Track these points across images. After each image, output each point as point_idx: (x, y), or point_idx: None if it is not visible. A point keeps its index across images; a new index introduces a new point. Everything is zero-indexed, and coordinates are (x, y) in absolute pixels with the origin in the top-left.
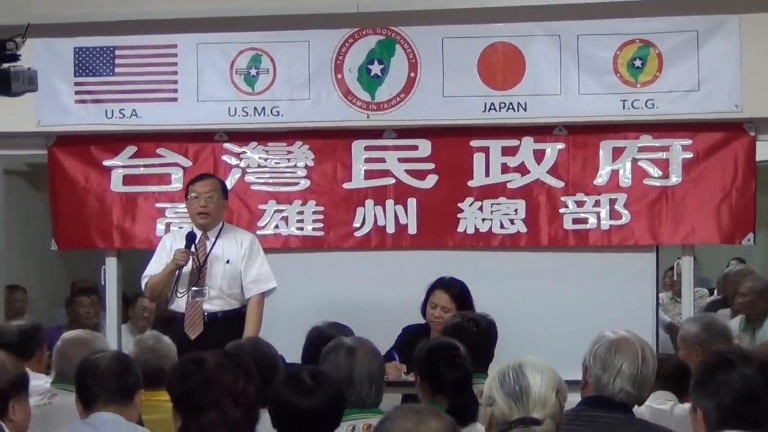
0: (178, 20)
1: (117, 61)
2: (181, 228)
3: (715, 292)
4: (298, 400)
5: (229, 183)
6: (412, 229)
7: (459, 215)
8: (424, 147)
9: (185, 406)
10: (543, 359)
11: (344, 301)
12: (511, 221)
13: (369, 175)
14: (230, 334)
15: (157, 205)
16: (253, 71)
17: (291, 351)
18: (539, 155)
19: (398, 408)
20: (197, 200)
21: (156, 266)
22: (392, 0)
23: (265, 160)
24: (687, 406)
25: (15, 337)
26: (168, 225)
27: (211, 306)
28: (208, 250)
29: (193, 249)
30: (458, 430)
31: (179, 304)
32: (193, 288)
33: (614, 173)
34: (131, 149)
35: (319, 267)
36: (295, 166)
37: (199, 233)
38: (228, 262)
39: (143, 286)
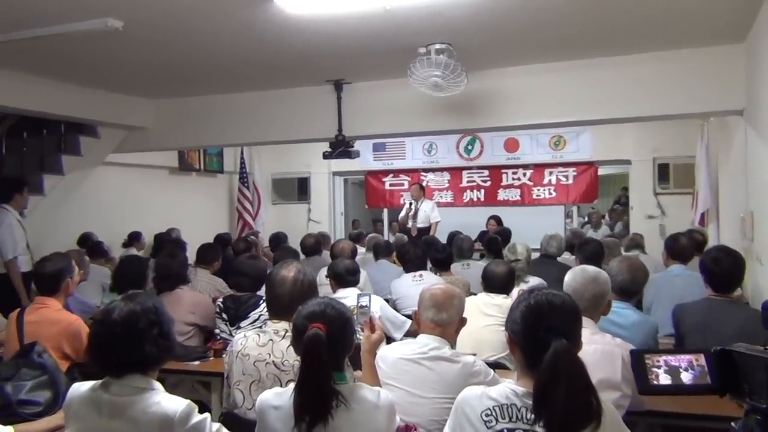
0: (405, 132)
1: (386, 145)
2: (409, 200)
3: (584, 218)
4: (432, 255)
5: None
6: (483, 199)
7: (498, 193)
8: (487, 173)
9: (404, 261)
10: (524, 241)
11: (460, 224)
12: (515, 196)
13: (467, 181)
14: (425, 234)
15: (400, 193)
16: (430, 147)
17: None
18: (524, 174)
19: (492, 261)
20: (413, 192)
21: (402, 213)
22: (472, 123)
23: (434, 177)
24: (572, 257)
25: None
26: (402, 200)
27: (418, 224)
28: (417, 207)
29: (413, 208)
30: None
31: (410, 224)
32: (413, 219)
33: (549, 180)
34: (391, 175)
35: (449, 212)
36: (443, 179)
37: (414, 203)
38: (424, 211)
39: (399, 219)
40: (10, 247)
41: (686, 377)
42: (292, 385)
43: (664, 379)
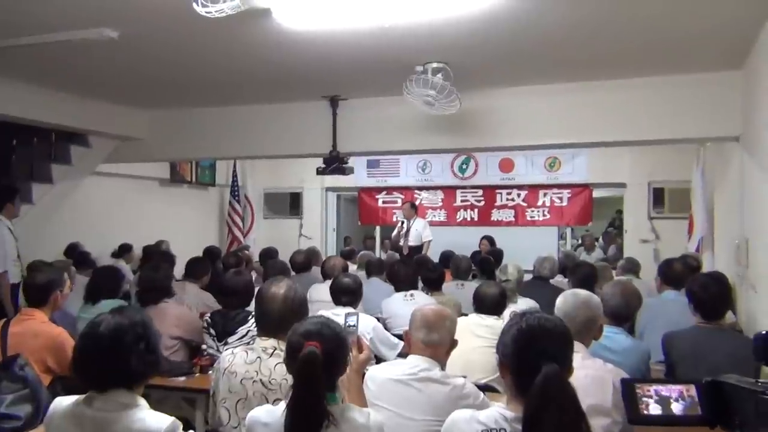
0: (400, 150)
1: (380, 162)
2: (400, 219)
3: (578, 241)
4: (424, 274)
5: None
6: (476, 218)
7: (492, 213)
8: (481, 192)
9: (394, 280)
10: (517, 262)
11: (452, 243)
12: (509, 216)
13: (461, 201)
14: (418, 253)
15: (393, 210)
16: (424, 165)
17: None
18: (518, 195)
19: (484, 282)
20: (405, 211)
21: (394, 232)
22: (467, 143)
23: (428, 196)
24: (565, 280)
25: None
26: (395, 218)
27: (410, 243)
28: (409, 225)
29: (404, 226)
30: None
31: (401, 242)
32: (405, 238)
33: (543, 202)
34: (384, 192)
35: (441, 231)
36: (437, 198)
37: (406, 221)
38: (416, 230)
39: (391, 237)
40: (0, 261)
41: (677, 408)
42: (283, 403)
43: (655, 409)
